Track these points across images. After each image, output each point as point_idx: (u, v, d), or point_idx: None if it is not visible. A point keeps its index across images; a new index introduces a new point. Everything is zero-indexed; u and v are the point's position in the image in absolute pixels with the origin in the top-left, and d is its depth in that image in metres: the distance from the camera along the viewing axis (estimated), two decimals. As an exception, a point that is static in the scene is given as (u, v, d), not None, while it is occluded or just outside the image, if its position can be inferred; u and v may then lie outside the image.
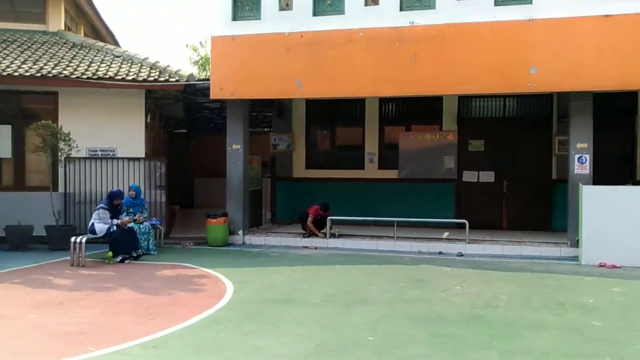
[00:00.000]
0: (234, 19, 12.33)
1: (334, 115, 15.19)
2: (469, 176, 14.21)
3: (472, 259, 10.99)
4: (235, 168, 12.96)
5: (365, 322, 6.56)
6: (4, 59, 12.79)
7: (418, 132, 14.44)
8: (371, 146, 14.85)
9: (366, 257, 11.13)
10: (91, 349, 5.61)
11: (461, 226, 12.07)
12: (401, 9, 11.48)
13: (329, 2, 11.95)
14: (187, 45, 29.65)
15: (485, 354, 5.51)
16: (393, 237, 12.26)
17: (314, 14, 11.95)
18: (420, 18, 11.32)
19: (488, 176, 14.11)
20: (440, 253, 11.54)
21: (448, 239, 12.16)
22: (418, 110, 14.52)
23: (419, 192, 14.22)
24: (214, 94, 12.36)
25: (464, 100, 14.22)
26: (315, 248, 12.14)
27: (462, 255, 11.33)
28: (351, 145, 15.20)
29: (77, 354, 5.46)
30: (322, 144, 15.58)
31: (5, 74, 12.07)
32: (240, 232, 12.88)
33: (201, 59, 28.09)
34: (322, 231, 12.63)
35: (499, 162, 14.06)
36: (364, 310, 7.15)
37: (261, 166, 14.71)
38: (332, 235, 12.49)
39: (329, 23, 11.81)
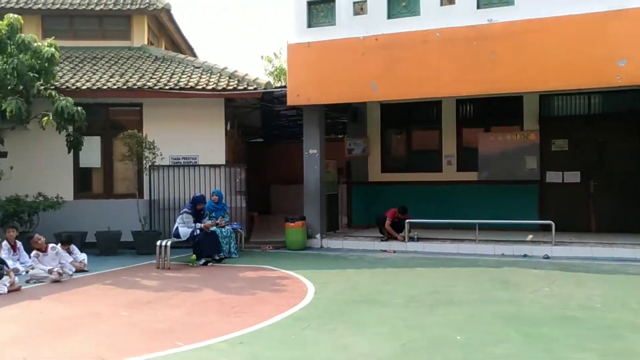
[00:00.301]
0: (309, 25, 12.47)
1: (409, 118, 15.03)
2: (552, 177, 13.66)
3: (560, 261, 10.53)
4: (311, 172, 13.05)
5: (451, 322, 6.40)
6: (94, 74, 13.47)
7: (498, 132, 14.04)
8: (449, 148, 14.57)
9: (447, 260, 10.90)
10: (180, 344, 5.76)
11: (546, 228, 11.56)
12: (478, 7, 11.24)
13: (403, 3, 11.87)
14: (262, 57, 30.28)
15: (583, 355, 5.23)
16: (474, 240, 11.94)
17: (389, 17, 11.90)
18: (499, 15, 11.04)
19: (573, 176, 13.52)
20: (525, 256, 11.14)
21: (532, 242, 11.71)
22: (497, 111, 14.14)
23: (500, 194, 13.80)
24: (290, 101, 12.52)
25: (546, 99, 13.72)
26: (394, 251, 12.00)
27: (548, 257, 10.89)
28: (428, 148, 14.99)
29: (167, 348, 5.61)
30: (397, 147, 15.45)
31: (95, 87, 12.71)
32: (318, 235, 12.93)
33: (276, 69, 28.58)
34: (401, 234, 12.48)
35: (584, 162, 13.44)
36: (449, 310, 6.97)
37: (337, 171, 14.75)
38: (411, 239, 12.31)
39: (404, 25, 11.72)
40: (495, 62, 10.98)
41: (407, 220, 12.40)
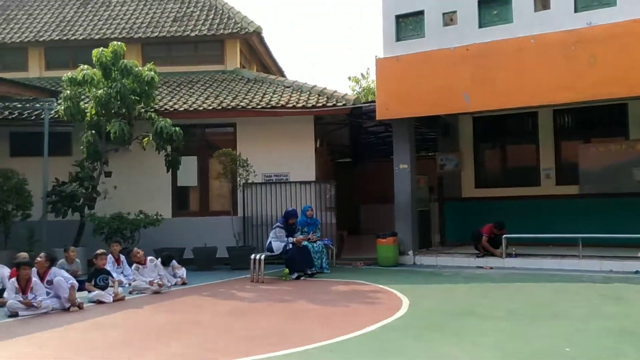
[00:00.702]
0: (398, 39, 12.42)
1: (503, 131, 14.54)
2: (664, 189, 12.70)
3: (677, 277, 9.72)
4: (402, 188, 12.86)
5: (558, 335, 6.00)
6: (190, 96, 14.06)
7: (600, 143, 13.28)
8: (547, 161, 13.93)
9: (548, 276, 10.32)
10: (276, 348, 5.74)
11: (659, 243, 10.71)
12: (576, 10, 10.77)
13: (495, 12, 11.58)
14: (349, 78, 30.50)
15: None
16: (578, 256, 11.26)
17: (480, 26, 11.65)
18: (599, 17, 10.51)
19: (687, 188, 12.51)
20: (637, 272, 10.36)
21: (644, 258, 10.89)
22: (598, 119, 13.41)
23: (604, 207, 12.97)
24: (379, 115, 12.46)
25: (654, 105, 12.86)
26: (491, 268, 11.53)
27: (663, 274, 10.08)
28: (524, 161, 14.40)
29: (263, 352, 5.62)
30: (491, 161, 14.96)
31: (191, 109, 13.24)
32: (410, 252, 12.67)
33: (363, 90, 28.70)
34: (499, 250, 11.98)
35: (700, 172, 12.42)
36: (554, 324, 6.56)
37: (428, 188, 14.47)
38: (509, 255, 11.79)
39: (496, 33, 11.42)
40: (595, 67, 10.43)
41: (503, 236, 11.91)
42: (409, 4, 12.37)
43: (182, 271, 10.68)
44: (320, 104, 13.01)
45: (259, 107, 13.11)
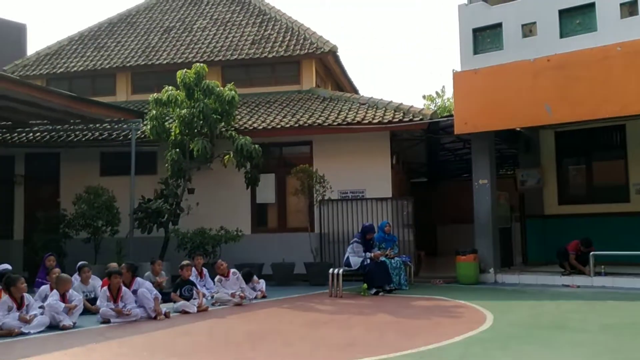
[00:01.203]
0: (475, 52, 12.26)
1: (588, 145, 13.97)
2: None
3: None
4: (482, 204, 12.56)
5: (660, 348, 5.65)
6: (268, 115, 14.39)
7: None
8: (637, 176, 13.25)
9: (643, 294, 9.76)
10: (360, 356, 5.70)
11: None
12: (666, 15, 10.30)
13: (577, 21, 11.25)
14: (423, 97, 30.30)
15: None
16: (675, 274, 10.59)
17: (561, 36, 11.33)
18: (691, 21, 10.01)
19: None
20: None
21: None
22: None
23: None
24: (458, 129, 12.29)
25: None
26: (578, 286, 11.01)
27: None
28: (612, 177, 13.73)
29: (349, 358, 5.59)
30: (576, 177, 14.38)
31: (270, 127, 13.54)
32: (491, 270, 12.30)
33: (439, 108, 28.41)
34: (587, 268, 11.44)
35: None
36: (656, 338, 6.18)
37: (509, 206, 14.06)
38: (598, 273, 11.23)
39: (578, 43, 11.07)
40: (690, 73, 9.90)
41: (591, 254, 11.37)
42: (487, 17, 12.22)
43: (261, 284, 10.82)
44: (397, 120, 12.98)
45: (335, 124, 13.24)
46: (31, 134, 14.87)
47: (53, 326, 7.51)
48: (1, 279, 7.99)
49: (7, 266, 9.48)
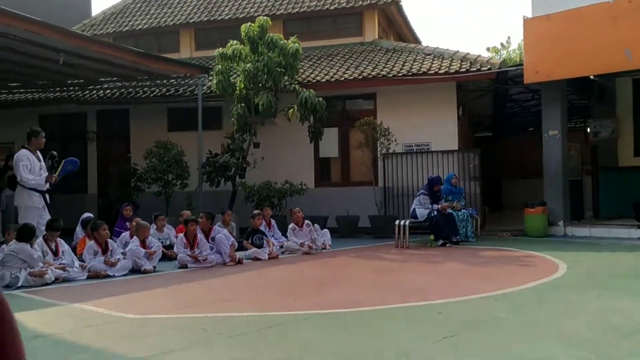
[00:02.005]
0: (548, -3, 11.74)
1: (669, 92, 13.27)
2: None
3: None
4: (552, 155, 12.20)
5: None
6: (331, 68, 14.31)
7: None
8: None
9: None
10: (433, 298, 5.74)
11: None
12: None
13: (661, -41, 10.56)
14: (487, 49, 29.31)
15: None
16: None
17: (643, -24, 10.68)
18: None
19: None
20: None
21: None
22: None
23: None
24: (528, 79, 11.88)
25: None
26: (655, 239, 10.65)
27: None
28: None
29: (420, 301, 5.64)
30: (654, 126, 13.72)
31: (333, 79, 13.48)
32: (561, 222, 12.03)
33: (504, 60, 27.46)
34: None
35: None
36: None
37: (580, 158, 13.61)
38: (676, 225, 10.82)
39: (662, -18, 10.42)
40: None
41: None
42: (561, -41, 11.63)
43: (327, 236, 10.96)
44: (464, 70, 12.66)
45: (399, 75, 13.04)
46: (102, 91, 15.35)
47: (135, 270, 7.90)
48: (85, 226, 8.41)
49: (90, 215, 9.96)
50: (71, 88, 14.91)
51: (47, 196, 7.93)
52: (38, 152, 8.16)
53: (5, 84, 14.15)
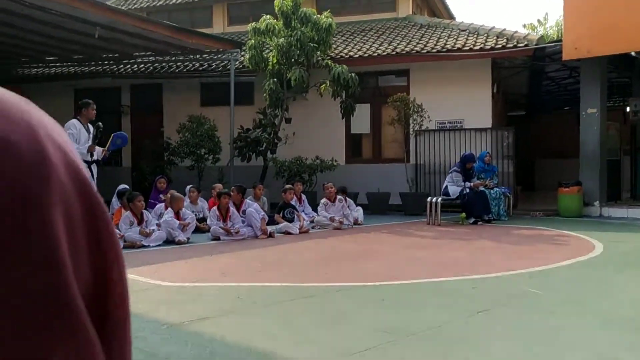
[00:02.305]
0: (589, -30, 11.38)
1: None
2: None
3: None
4: (590, 134, 11.94)
5: None
6: (364, 44, 14.17)
7: None
8: None
9: None
10: (466, 274, 5.72)
11: None
12: None
13: None
14: (524, 26, 28.69)
15: None
16: None
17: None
18: None
19: None
20: None
21: None
22: None
23: None
24: (567, 55, 11.59)
25: None
26: (695, 221, 10.40)
27: None
28: None
29: (453, 276, 5.62)
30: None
31: (366, 55, 13.36)
32: (596, 203, 11.81)
33: (541, 37, 26.90)
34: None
35: None
36: None
37: (619, 137, 13.29)
38: None
39: None
40: None
41: None
42: None
43: (360, 213, 10.96)
44: (499, 46, 12.41)
45: (433, 51, 12.85)
46: (135, 66, 15.48)
47: (169, 241, 8.03)
48: (121, 197, 8.54)
49: (126, 186, 10.12)
50: (106, 62, 15.08)
51: (93, 168, 7.87)
52: (89, 124, 8.13)
53: (43, 58, 14.38)
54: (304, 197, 11.34)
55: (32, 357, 0.30)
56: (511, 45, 12.35)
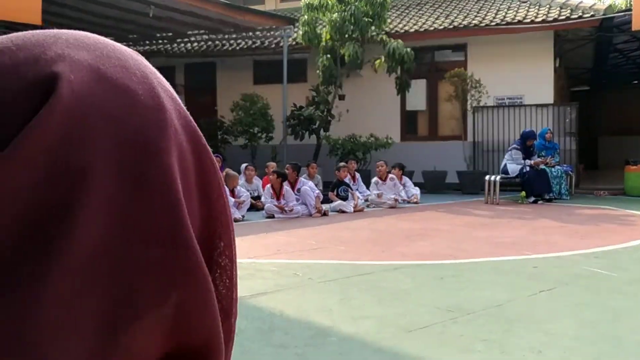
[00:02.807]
0: None
1: None
2: None
3: None
4: (660, 109, 11.32)
5: None
6: (420, 18, 13.84)
7: None
8: None
9: None
10: (527, 253, 5.53)
11: None
12: None
13: None
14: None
15: None
16: None
17: None
18: None
19: None
20: None
21: None
22: None
23: None
24: (636, 25, 10.94)
25: None
26: None
27: None
28: None
29: (513, 255, 5.45)
30: None
31: (422, 29, 13.04)
32: (667, 182, 11.22)
33: (608, 6, 25.65)
34: None
35: None
36: None
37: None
38: None
39: None
40: None
41: None
42: None
43: (415, 190, 10.79)
44: (563, 17, 11.86)
45: (492, 24, 12.41)
46: (189, 44, 15.61)
47: (224, 218, 8.09)
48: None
49: None
50: (160, 42, 15.26)
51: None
52: None
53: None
54: (358, 175, 11.25)
55: (153, 293, 0.31)
56: (576, 16, 11.79)
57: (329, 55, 12.68)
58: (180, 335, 0.33)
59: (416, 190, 10.75)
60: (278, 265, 5.12)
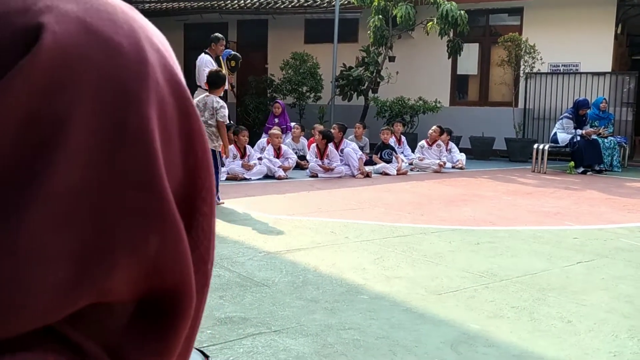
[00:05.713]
0: None
1: None
2: None
3: None
4: None
5: None
6: (475, -21, 13.41)
7: None
8: None
9: None
10: (569, 223, 5.48)
11: None
12: None
13: None
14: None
15: None
16: None
17: None
18: None
19: None
20: None
21: None
22: None
23: None
24: None
25: None
26: None
27: None
28: None
29: (556, 225, 5.41)
30: None
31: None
32: None
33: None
34: None
35: None
36: None
37: None
38: None
39: None
40: None
41: None
42: None
43: (460, 156, 10.70)
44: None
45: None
46: (242, 1, 15.64)
47: (269, 176, 8.27)
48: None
49: (230, 121, 10.48)
50: (214, -2, 15.35)
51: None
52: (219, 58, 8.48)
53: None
54: (403, 138, 11.22)
55: (129, 235, 0.33)
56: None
57: (380, 16, 12.50)
58: (153, 280, 0.35)
59: (461, 156, 10.66)
60: (317, 223, 5.25)
